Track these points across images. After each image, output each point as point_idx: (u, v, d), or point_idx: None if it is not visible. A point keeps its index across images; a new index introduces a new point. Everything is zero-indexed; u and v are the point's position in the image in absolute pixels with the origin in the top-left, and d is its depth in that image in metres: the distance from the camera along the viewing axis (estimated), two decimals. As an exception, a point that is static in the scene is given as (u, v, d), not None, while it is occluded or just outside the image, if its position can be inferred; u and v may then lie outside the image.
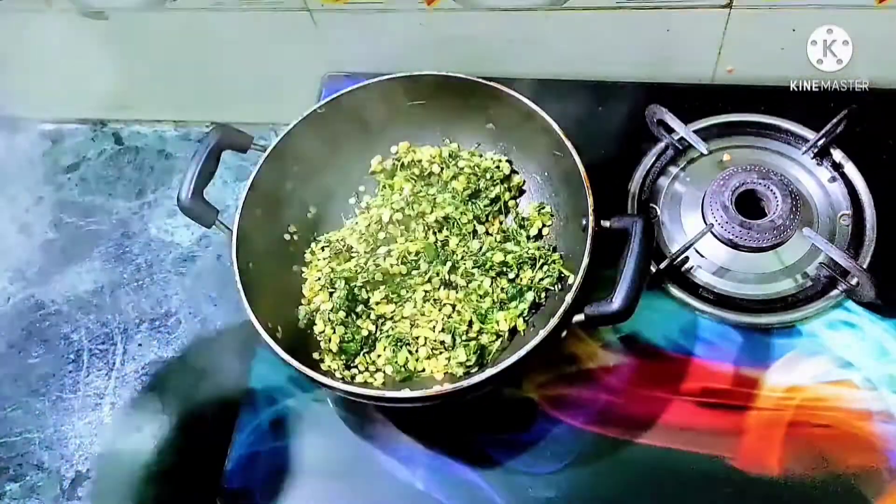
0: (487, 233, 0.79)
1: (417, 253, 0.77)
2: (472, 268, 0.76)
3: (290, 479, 0.72)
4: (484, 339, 0.73)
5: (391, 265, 0.76)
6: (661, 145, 0.83)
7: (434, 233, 0.79)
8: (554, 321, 0.63)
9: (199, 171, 0.73)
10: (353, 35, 0.90)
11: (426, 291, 0.76)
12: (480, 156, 0.82)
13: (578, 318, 0.63)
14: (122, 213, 1.01)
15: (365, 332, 0.74)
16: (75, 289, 0.95)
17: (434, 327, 0.73)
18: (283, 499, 0.71)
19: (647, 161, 0.83)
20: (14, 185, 1.06)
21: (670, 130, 0.82)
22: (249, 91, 1.01)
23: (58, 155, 1.08)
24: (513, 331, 0.73)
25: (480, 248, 0.77)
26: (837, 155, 0.79)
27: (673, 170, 0.82)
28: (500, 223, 0.80)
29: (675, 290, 0.75)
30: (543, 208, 0.79)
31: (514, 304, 0.74)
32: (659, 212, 0.80)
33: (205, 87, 1.01)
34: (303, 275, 0.79)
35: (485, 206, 0.80)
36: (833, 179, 0.79)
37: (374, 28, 0.88)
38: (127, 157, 1.07)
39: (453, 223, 0.79)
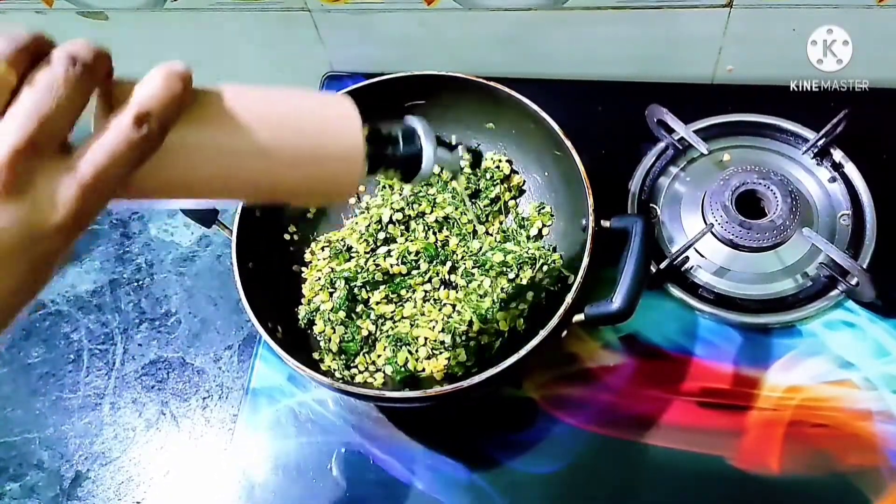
0: (487, 233, 0.79)
1: (417, 253, 0.77)
2: (472, 268, 0.76)
3: (291, 479, 0.72)
4: (484, 338, 0.73)
5: (391, 265, 0.76)
6: (661, 145, 0.83)
7: (434, 233, 0.79)
8: (554, 321, 0.63)
9: (199, 171, 0.73)
10: (353, 35, 0.90)
11: (426, 291, 0.76)
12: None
13: (579, 317, 0.63)
14: (121, 213, 1.01)
15: (365, 332, 0.74)
16: (75, 289, 0.95)
17: (434, 327, 0.73)
18: (283, 498, 0.71)
19: (647, 161, 0.83)
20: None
21: (670, 130, 0.82)
22: (249, 91, 1.01)
23: (58, 155, 1.08)
24: (512, 331, 0.73)
25: (480, 248, 0.77)
26: (837, 155, 0.79)
27: (673, 170, 0.82)
28: (500, 223, 0.80)
29: (675, 290, 0.75)
30: (543, 208, 0.79)
31: (514, 304, 0.74)
32: (659, 212, 0.80)
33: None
34: (303, 275, 0.79)
35: (485, 206, 0.80)
36: (833, 179, 0.79)
37: (374, 28, 0.88)
38: (127, 157, 1.07)
39: (453, 223, 0.79)
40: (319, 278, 0.77)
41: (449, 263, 0.76)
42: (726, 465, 0.67)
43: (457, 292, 0.75)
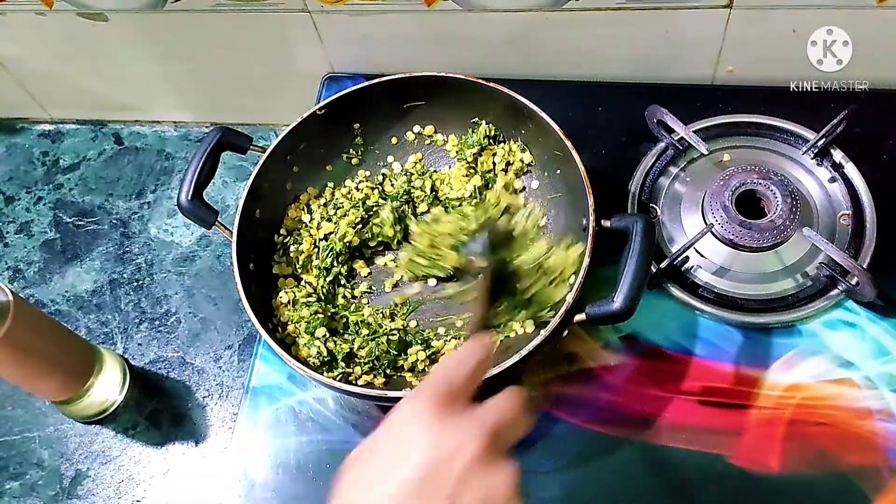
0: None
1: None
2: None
3: (291, 478, 0.72)
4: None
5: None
6: (661, 145, 0.83)
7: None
8: (555, 321, 0.63)
9: (199, 172, 0.74)
10: (353, 35, 0.90)
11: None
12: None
13: (580, 317, 0.63)
14: (122, 213, 1.01)
15: (351, 338, 0.75)
16: (75, 289, 0.95)
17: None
18: (283, 497, 0.71)
19: (647, 161, 0.83)
20: (14, 185, 1.06)
21: (670, 131, 0.82)
22: (249, 92, 1.01)
23: (58, 155, 1.08)
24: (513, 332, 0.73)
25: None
26: (837, 155, 0.80)
27: (673, 170, 0.83)
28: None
29: (675, 290, 0.75)
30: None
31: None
32: (659, 212, 0.81)
33: (205, 88, 1.01)
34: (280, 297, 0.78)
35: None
36: (833, 179, 0.79)
37: (374, 28, 0.88)
38: (127, 157, 1.07)
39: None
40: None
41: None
42: (726, 464, 0.68)
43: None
